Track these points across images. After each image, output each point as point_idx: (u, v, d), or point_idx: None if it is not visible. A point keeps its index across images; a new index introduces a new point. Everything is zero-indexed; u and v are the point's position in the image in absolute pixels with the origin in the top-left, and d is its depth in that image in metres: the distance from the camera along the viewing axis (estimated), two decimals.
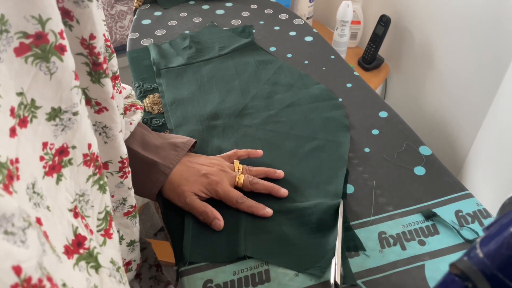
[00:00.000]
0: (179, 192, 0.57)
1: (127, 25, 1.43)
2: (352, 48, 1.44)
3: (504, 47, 0.96)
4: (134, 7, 1.06)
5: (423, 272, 0.51)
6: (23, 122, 0.28)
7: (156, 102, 0.76)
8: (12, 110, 0.26)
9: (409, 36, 1.26)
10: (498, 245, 0.22)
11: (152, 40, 0.93)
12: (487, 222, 0.56)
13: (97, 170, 0.38)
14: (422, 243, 0.54)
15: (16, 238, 0.22)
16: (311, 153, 0.66)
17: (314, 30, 0.97)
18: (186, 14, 1.02)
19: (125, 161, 0.46)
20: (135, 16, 1.03)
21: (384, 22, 1.25)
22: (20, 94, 0.28)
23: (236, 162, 0.62)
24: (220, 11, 1.03)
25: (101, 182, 0.39)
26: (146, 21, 1.00)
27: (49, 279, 0.24)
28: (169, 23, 0.99)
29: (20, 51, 0.27)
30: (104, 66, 0.38)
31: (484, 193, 0.93)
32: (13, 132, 0.26)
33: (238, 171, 0.61)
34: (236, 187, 0.60)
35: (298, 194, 0.60)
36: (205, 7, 1.05)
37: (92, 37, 0.36)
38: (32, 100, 0.29)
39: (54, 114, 0.31)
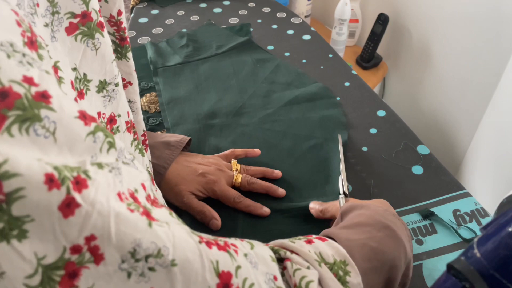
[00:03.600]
0: (176, 191, 0.57)
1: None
2: (350, 47, 1.44)
3: (502, 45, 0.96)
4: (131, 6, 1.06)
5: (421, 271, 0.51)
6: (80, 94, 0.31)
7: (153, 101, 0.76)
8: (71, 83, 0.29)
9: (407, 34, 1.26)
10: (495, 245, 0.22)
11: (149, 39, 0.92)
12: (485, 221, 0.56)
13: (135, 136, 0.41)
14: (419, 242, 0.54)
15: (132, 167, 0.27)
16: (309, 152, 0.66)
17: (312, 28, 0.96)
18: (184, 12, 1.02)
19: (145, 133, 0.49)
20: (132, 15, 1.02)
21: (382, 20, 1.24)
22: (74, 69, 0.31)
23: (234, 161, 0.62)
24: (217, 10, 1.03)
25: (140, 146, 0.42)
26: (143, 20, 0.99)
27: (156, 199, 0.29)
28: (166, 22, 0.98)
29: (70, 30, 0.30)
30: (128, 40, 0.41)
31: (482, 192, 0.93)
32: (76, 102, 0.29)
33: (236, 170, 0.60)
34: (234, 187, 0.59)
35: (295, 193, 0.60)
36: (203, 5, 1.04)
37: (119, 12, 0.38)
38: (84, 75, 0.32)
39: (102, 86, 0.34)
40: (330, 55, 0.88)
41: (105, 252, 0.21)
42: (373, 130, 0.70)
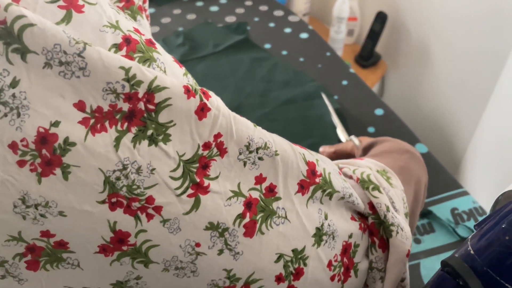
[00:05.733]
0: None
1: None
2: (349, 45, 1.43)
3: (501, 44, 0.95)
4: None
5: (419, 270, 0.50)
6: None
7: None
8: None
9: (406, 33, 1.26)
10: (489, 242, 0.22)
11: None
12: None
13: None
14: (417, 241, 0.53)
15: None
16: None
17: (310, 27, 0.96)
18: (180, 11, 1.01)
19: None
20: None
21: (381, 18, 1.24)
22: None
23: None
24: (214, 8, 1.02)
25: None
26: None
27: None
28: (162, 20, 0.98)
29: None
30: (149, 28, 0.42)
31: (482, 191, 0.92)
32: None
33: None
34: None
35: None
36: (199, 3, 1.04)
37: (144, 0, 0.39)
38: None
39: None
40: (328, 54, 0.87)
41: (228, 146, 0.26)
42: (371, 129, 0.69)
